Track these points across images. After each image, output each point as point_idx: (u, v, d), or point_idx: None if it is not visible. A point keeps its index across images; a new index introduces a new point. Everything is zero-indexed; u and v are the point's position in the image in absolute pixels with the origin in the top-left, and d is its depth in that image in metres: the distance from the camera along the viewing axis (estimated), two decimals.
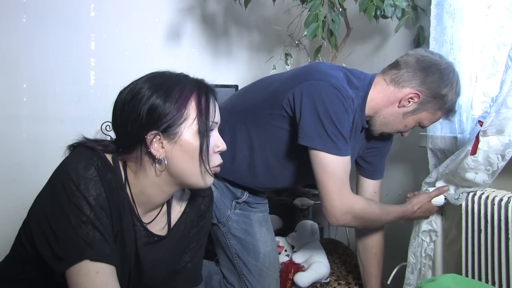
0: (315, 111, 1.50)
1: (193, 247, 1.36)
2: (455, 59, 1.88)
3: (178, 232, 1.30)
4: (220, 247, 1.90)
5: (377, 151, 1.84)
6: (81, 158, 1.10)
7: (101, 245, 1.06)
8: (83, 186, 1.06)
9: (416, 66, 1.58)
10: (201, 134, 1.13)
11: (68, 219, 1.05)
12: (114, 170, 1.13)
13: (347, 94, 1.52)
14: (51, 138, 2.40)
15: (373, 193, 1.88)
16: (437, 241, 2.02)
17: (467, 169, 1.71)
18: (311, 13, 2.11)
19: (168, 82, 1.14)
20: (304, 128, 1.53)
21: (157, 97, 1.10)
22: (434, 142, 2.04)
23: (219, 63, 3.09)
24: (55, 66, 2.53)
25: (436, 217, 2.00)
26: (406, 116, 1.61)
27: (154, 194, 1.18)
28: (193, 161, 1.13)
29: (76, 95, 2.60)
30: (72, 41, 2.57)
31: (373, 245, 1.92)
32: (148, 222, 1.23)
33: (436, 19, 2.02)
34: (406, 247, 2.09)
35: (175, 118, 1.11)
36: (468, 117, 1.87)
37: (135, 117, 1.10)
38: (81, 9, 2.61)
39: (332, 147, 1.50)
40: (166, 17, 2.89)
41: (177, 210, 1.31)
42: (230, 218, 1.83)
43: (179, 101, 1.11)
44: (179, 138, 1.12)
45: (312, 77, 1.56)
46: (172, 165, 1.14)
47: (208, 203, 1.37)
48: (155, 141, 1.11)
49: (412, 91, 1.57)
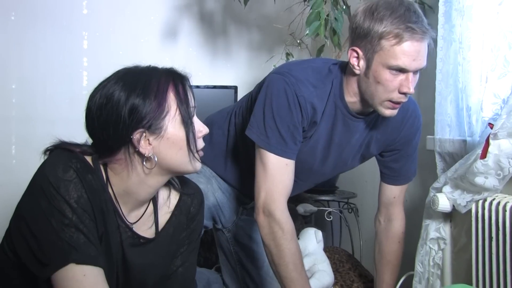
0: (263, 103, 1.56)
1: (184, 251, 1.37)
2: (464, 59, 1.88)
3: (167, 235, 1.31)
4: (222, 253, 1.90)
5: (398, 154, 1.79)
6: (59, 160, 1.12)
7: (86, 247, 1.08)
8: (63, 189, 1.08)
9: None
10: (185, 123, 1.17)
11: (49, 223, 1.07)
12: (94, 171, 1.15)
13: (299, 92, 1.54)
14: (42, 141, 2.39)
15: (392, 198, 1.85)
16: (446, 249, 2.01)
17: (477, 173, 1.71)
18: (313, 11, 2.11)
19: (141, 78, 1.17)
20: (251, 118, 1.59)
21: (136, 97, 1.13)
22: (442, 145, 2.04)
23: (218, 63, 3.09)
24: (45, 66, 2.53)
25: (444, 224, 2.00)
26: (369, 74, 1.52)
27: (139, 191, 1.20)
28: (182, 151, 1.17)
29: (68, 96, 2.60)
30: (63, 39, 2.58)
31: (388, 252, 1.90)
32: (134, 222, 1.24)
33: (444, 16, 2.02)
34: (413, 255, 2.08)
35: (157, 113, 1.14)
36: (478, 119, 1.87)
37: (117, 120, 1.12)
38: (73, 6, 2.62)
39: (263, 141, 1.55)
40: (162, 15, 2.89)
41: (164, 211, 1.32)
42: (235, 223, 1.84)
43: (158, 95, 1.14)
44: (164, 131, 1.15)
45: (275, 70, 1.63)
46: (161, 158, 1.17)
47: (198, 206, 1.39)
48: (142, 139, 1.14)
49: (350, 50, 1.54)
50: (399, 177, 1.83)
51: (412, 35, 1.43)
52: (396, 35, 1.43)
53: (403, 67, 1.46)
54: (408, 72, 1.47)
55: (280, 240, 1.55)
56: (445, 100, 2.02)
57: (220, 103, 2.42)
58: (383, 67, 1.47)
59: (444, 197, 1.87)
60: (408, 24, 1.43)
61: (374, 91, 1.52)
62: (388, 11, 1.45)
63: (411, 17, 1.44)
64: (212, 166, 1.80)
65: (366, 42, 1.48)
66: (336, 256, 2.38)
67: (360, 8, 1.52)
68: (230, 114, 1.80)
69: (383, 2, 1.47)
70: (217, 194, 1.80)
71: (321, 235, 2.29)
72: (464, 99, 1.91)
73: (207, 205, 1.75)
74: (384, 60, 1.46)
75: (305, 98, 1.54)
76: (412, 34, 1.43)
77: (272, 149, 1.55)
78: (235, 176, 1.80)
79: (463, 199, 1.82)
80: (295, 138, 1.56)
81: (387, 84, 1.49)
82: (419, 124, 1.77)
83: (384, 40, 1.45)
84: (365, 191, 2.79)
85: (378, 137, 1.73)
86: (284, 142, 1.54)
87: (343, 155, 1.72)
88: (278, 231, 1.55)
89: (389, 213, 1.87)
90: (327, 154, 1.69)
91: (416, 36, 1.44)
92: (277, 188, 1.56)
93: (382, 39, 1.45)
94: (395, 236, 1.89)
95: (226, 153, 1.79)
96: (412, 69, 1.47)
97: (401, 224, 1.88)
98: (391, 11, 1.45)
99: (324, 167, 1.73)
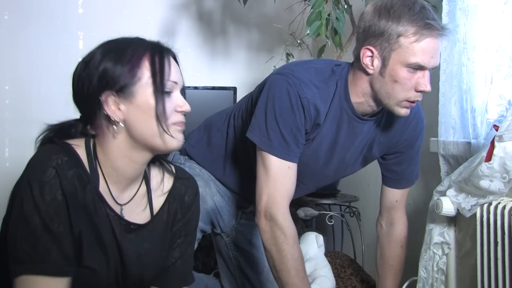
0: (265, 104, 1.56)
1: (181, 242, 1.38)
2: (469, 59, 1.88)
3: (161, 222, 1.32)
4: (221, 258, 1.90)
5: (400, 157, 1.79)
6: (39, 159, 1.14)
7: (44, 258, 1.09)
8: (38, 191, 1.09)
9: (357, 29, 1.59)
10: (155, 93, 1.18)
11: (15, 227, 1.10)
12: (79, 163, 1.16)
13: (302, 94, 1.54)
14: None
15: (394, 201, 1.85)
16: (450, 254, 2.01)
17: (482, 176, 1.71)
18: (314, 11, 2.11)
19: (120, 45, 1.22)
20: (252, 120, 1.59)
21: (108, 60, 1.17)
22: (446, 147, 2.04)
23: (216, 64, 3.09)
24: (40, 67, 2.53)
25: (448, 229, 2.00)
26: (385, 73, 1.52)
27: (124, 166, 1.22)
28: (152, 120, 1.18)
29: (64, 97, 2.57)
30: (58, 40, 2.58)
31: (390, 257, 1.89)
32: (125, 203, 1.25)
33: (448, 16, 2.02)
34: (416, 260, 2.08)
35: (128, 78, 1.16)
36: (483, 121, 1.87)
37: (89, 82, 1.17)
38: (68, 5, 2.62)
39: (265, 143, 1.55)
40: (160, 14, 2.89)
41: (158, 193, 1.33)
42: (235, 228, 1.83)
43: (131, 61, 1.17)
44: (134, 98, 1.17)
45: (277, 71, 1.63)
46: (131, 126, 1.18)
47: (192, 196, 1.39)
48: (111, 102, 1.16)
49: (363, 49, 1.53)
50: (401, 180, 1.83)
51: (431, 32, 1.45)
52: (416, 32, 1.45)
53: (422, 64, 1.47)
54: (425, 69, 1.49)
55: (282, 245, 1.55)
56: (449, 101, 2.02)
57: (219, 104, 2.41)
58: (401, 65, 1.48)
59: (448, 200, 1.87)
60: (426, 21, 1.45)
61: (390, 91, 1.52)
62: (405, 9, 1.46)
63: (428, 14, 1.46)
64: (210, 169, 1.80)
65: (382, 41, 1.48)
66: (337, 261, 2.37)
67: (369, 7, 1.52)
68: (229, 116, 1.80)
69: (397, 1, 1.49)
70: (215, 197, 1.80)
71: (322, 239, 2.29)
72: (469, 100, 1.91)
73: (206, 209, 1.74)
74: (402, 58, 1.47)
75: (308, 99, 1.54)
76: (431, 31, 1.45)
77: (275, 152, 1.54)
78: (235, 180, 1.80)
79: (468, 202, 1.82)
80: (297, 141, 1.56)
81: (405, 83, 1.49)
82: (422, 126, 1.77)
83: (402, 38, 1.46)
84: (367, 194, 2.79)
85: (381, 139, 1.73)
86: (286, 144, 1.54)
87: (346, 158, 1.72)
88: (280, 236, 1.55)
89: (391, 217, 1.87)
90: (330, 156, 1.69)
91: (435, 33, 1.46)
92: (280, 192, 1.55)
93: (400, 36, 1.46)
94: (398, 240, 1.89)
95: (225, 156, 1.79)
96: (429, 67, 1.49)
97: (403, 228, 1.88)
98: (408, 9, 1.46)
99: (326, 170, 1.73)
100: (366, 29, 1.51)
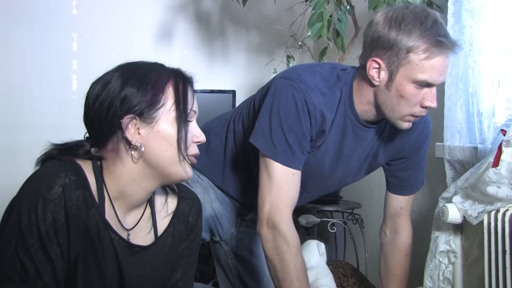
0: (270, 109, 1.55)
1: (184, 263, 1.37)
2: (475, 62, 1.88)
3: (165, 245, 1.31)
4: (220, 267, 1.89)
5: (406, 163, 1.78)
6: (46, 174, 1.12)
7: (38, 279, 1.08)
8: (40, 208, 1.08)
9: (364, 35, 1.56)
10: (178, 120, 1.18)
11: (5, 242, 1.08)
12: (85, 185, 1.15)
13: (309, 99, 1.53)
14: (28, 149, 2.38)
15: (398, 208, 1.84)
16: (457, 263, 2.01)
17: (489, 182, 1.70)
18: (315, 12, 2.11)
19: (142, 69, 1.21)
20: (256, 125, 1.58)
21: (131, 86, 1.16)
22: (452, 153, 2.04)
23: (215, 66, 3.09)
24: (32, 69, 2.53)
25: (454, 236, 1.99)
26: (391, 87, 1.51)
27: (133, 192, 1.21)
28: (171, 148, 1.18)
29: (57, 101, 2.60)
30: (52, 41, 2.58)
31: (395, 265, 1.88)
32: (131, 228, 1.25)
33: (454, 17, 2.02)
34: (421, 269, 2.08)
35: (152, 103, 1.16)
36: (490, 126, 1.87)
37: (109, 106, 1.16)
38: (61, 6, 2.62)
39: (269, 149, 1.54)
40: (157, 15, 2.89)
41: (162, 215, 1.33)
42: (234, 236, 1.83)
43: (156, 86, 1.18)
44: (156, 123, 1.17)
45: (281, 75, 1.62)
46: (149, 152, 1.18)
47: (196, 215, 1.39)
48: (131, 126, 1.16)
49: (369, 60, 1.52)
50: (406, 187, 1.82)
51: (442, 50, 1.45)
52: (426, 49, 1.44)
53: (430, 81, 1.47)
54: (432, 86, 1.49)
55: (285, 255, 1.54)
56: (455, 105, 2.02)
57: (217, 108, 2.41)
58: (408, 81, 1.48)
59: (454, 207, 1.87)
60: (438, 38, 1.44)
61: (395, 105, 1.52)
62: (417, 23, 1.45)
63: (440, 30, 1.46)
64: (209, 175, 1.79)
65: (391, 54, 1.47)
66: (340, 270, 2.37)
67: (380, 16, 1.51)
68: (228, 120, 1.79)
69: (409, 13, 1.47)
70: (214, 205, 1.79)
71: (324, 247, 2.28)
72: (475, 104, 1.91)
73: (204, 216, 1.74)
74: (410, 74, 1.47)
75: (314, 105, 1.54)
76: (442, 49, 1.45)
77: (279, 158, 1.54)
78: (234, 186, 1.79)
79: (475, 209, 1.81)
80: (303, 148, 1.55)
81: (411, 98, 1.50)
82: (428, 131, 1.77)
83: (412, 54, 1.45)
84: (370, 201, 2.78)
85: (387, 145, 1.72)
86: (291, 151, 1.54)
87: (351, 166, 1.72)
88: (283, 245, 1.54)
89: (396, 224, 1.87)
90: (335, 165, 1.69)
91: (445, 51, 1.46)
92: (283, 199, 1.55)
93: (410, 52, 1.45)
94: (402, 248, 1.88)
95: (224, 162, 1.78)
96: (437, 84, 1.49)
97: (408, 236, 1.87)
98: (420, 23, 1.45)
99: (331, 178, 1.73)
100: (375, 40, 1.50)
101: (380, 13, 1.52)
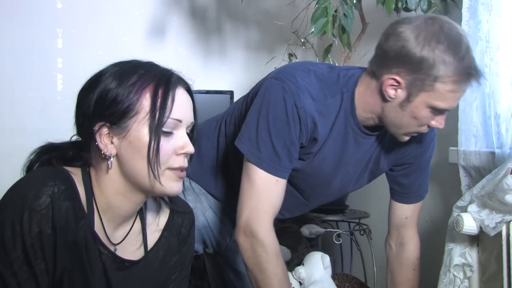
0: (258, 112, 1.56)
1: (175, 278, 1.37)
2: (492, 60, 1.88)
3: (156, 259, 1.31)
4: (214, 281, 1.90)
5: (409, 168, 1.79)
6: (34, 182, 1.11)
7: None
8: (26, 219, 1.06)
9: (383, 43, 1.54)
10: (150, 130, 1.15)
11: None
12: (74, 195, 1.14)
13: (300, 103, 1.53)
14: (9, 154, 2.37)
15: (404, 218, 1.84)
16: (473, 278, 2.00)
17: (507, 190, 1.70)
18: (319, 6, 2.12)
19: (124, 70, 1.19)
20: (242, 127, 1.59)
21: (106, 89, 1.16)
22: (467, 158, 2.04)
23: (211, 65, 3.10)
24: (13, 68, 2.52)
25: (470, 249, 1.99)
26: (406, 107, 1.53)
27: (119, 204, 1.20)
28: (143, 161, 1.15)
29: (40, 102, 2.59)
30: (34, 38, 2.57)
31: (402, 281, 1.88)
32: (119, 242, 1.24)
33: (469, 11, 2.02)
34: (434, 285, 2.07)
35: (125, 110, 1.14)
36: (508, 129, 1.87)
37: (85, 109, 1.17)
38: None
39: (254, 155, 1.54)
40: (148, 10, 2.90)
41: (153, 229, 1.32)
42: (229, 248, 1.82)
43: (131, 91, 1.15)
44: (128, 133, 1.15)
45: (273, 74, 1.62)
46: (124, 163, 1.17)
47: (188, 226, 1.39)
48: (104, 134, 1.16)
49: (389, 76, 1.51)
50: (409, 194, 1.83)
51: (469, 82, 1.49)
52: (455, 81, 1.47)
53: (448, 109, 1.52)
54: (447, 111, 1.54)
55: (265, 264, 1.55)
56: (470, 107, 2.03)
57: (214, 110, 2.39)
58: (426, 106, 1.50)
59: (470, 217, 1.86)
60: (469, 71, 1.47)
61: (405, 124, 1.56)
62: (451, 52, 1.45)
63: (471, 59, 1.49)
64: (201, 182, 1.79)
65: (416, 77, 1.47)
66: (346, 284, 2.37)
67: (410, 31, 1.47)
68: (219, 123, 1.79)
69: (444, 37, 1.46)
70: (207, 213, 1.79)
71: (329, 260, 2.28)
72: (492, 105, 1.92)
73: (197, 226, 1.73)
74: (430, 100, 1.49)
75: (305, 110, 1.53)
76: (469, 82, 1.49)
77: (263, 165, 1.54)
78: (227, 194, 1.79)
79: (492, 219, 1.81)
80: (290, 155, 1.56)
81: (423, 121, 1.54)
82: (433, 134, 1.77)
83: (439, 83, 1.47)
84: (378, 210, 2.78)
85: (389, 151, 1.73)
86: (277, 159, 1.54)
87: (350, 174, 1.72)
88: (262, 254, 1.54)
89: (401, 236, 1.87)
90: (334, 174, 1.69)
91: (471, 82, 1.50)
92: (263, 207, 1.55)
93: (437, 81, 1.47)
94: (409, 262, 1.87)
95: (216, 168, 1.78)
96: (451, 109, 1.54)
97: (415, 249, 1.87)
98: (454, 52, 1.45)
99: (330, 188, 1.74)
100: (401, 56, 1.48)
101: (409, 28, 1.48)
